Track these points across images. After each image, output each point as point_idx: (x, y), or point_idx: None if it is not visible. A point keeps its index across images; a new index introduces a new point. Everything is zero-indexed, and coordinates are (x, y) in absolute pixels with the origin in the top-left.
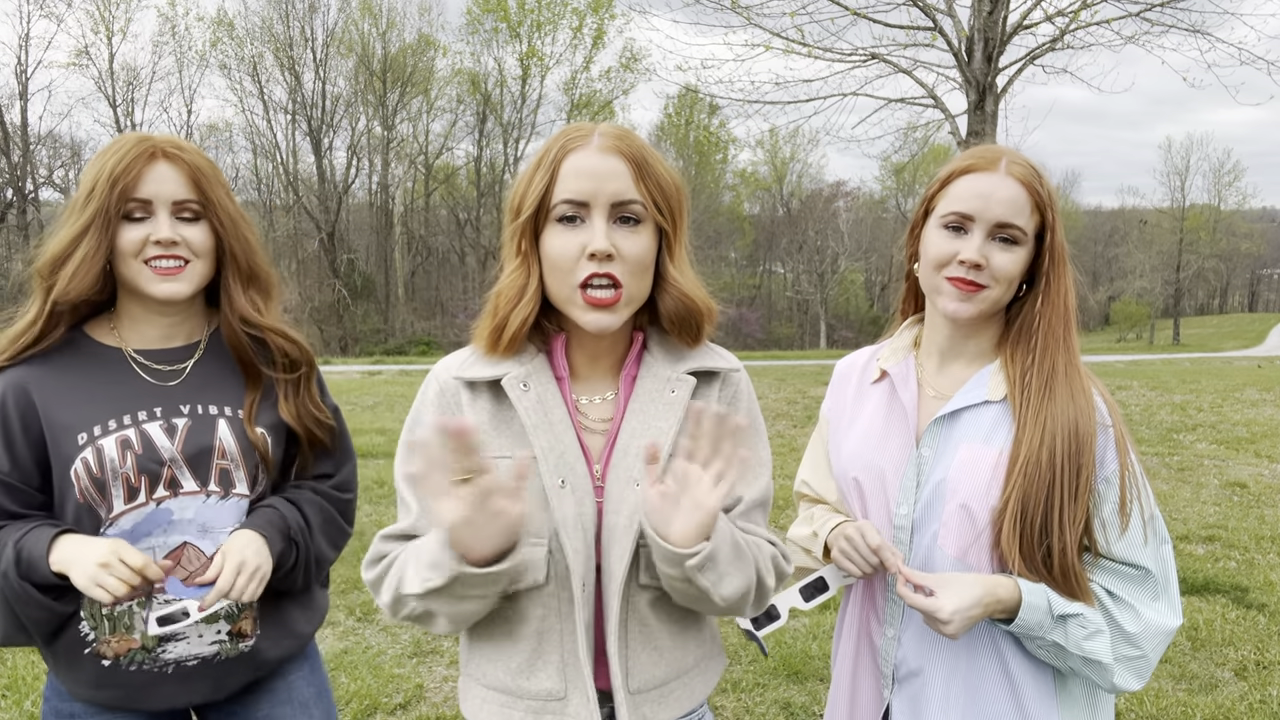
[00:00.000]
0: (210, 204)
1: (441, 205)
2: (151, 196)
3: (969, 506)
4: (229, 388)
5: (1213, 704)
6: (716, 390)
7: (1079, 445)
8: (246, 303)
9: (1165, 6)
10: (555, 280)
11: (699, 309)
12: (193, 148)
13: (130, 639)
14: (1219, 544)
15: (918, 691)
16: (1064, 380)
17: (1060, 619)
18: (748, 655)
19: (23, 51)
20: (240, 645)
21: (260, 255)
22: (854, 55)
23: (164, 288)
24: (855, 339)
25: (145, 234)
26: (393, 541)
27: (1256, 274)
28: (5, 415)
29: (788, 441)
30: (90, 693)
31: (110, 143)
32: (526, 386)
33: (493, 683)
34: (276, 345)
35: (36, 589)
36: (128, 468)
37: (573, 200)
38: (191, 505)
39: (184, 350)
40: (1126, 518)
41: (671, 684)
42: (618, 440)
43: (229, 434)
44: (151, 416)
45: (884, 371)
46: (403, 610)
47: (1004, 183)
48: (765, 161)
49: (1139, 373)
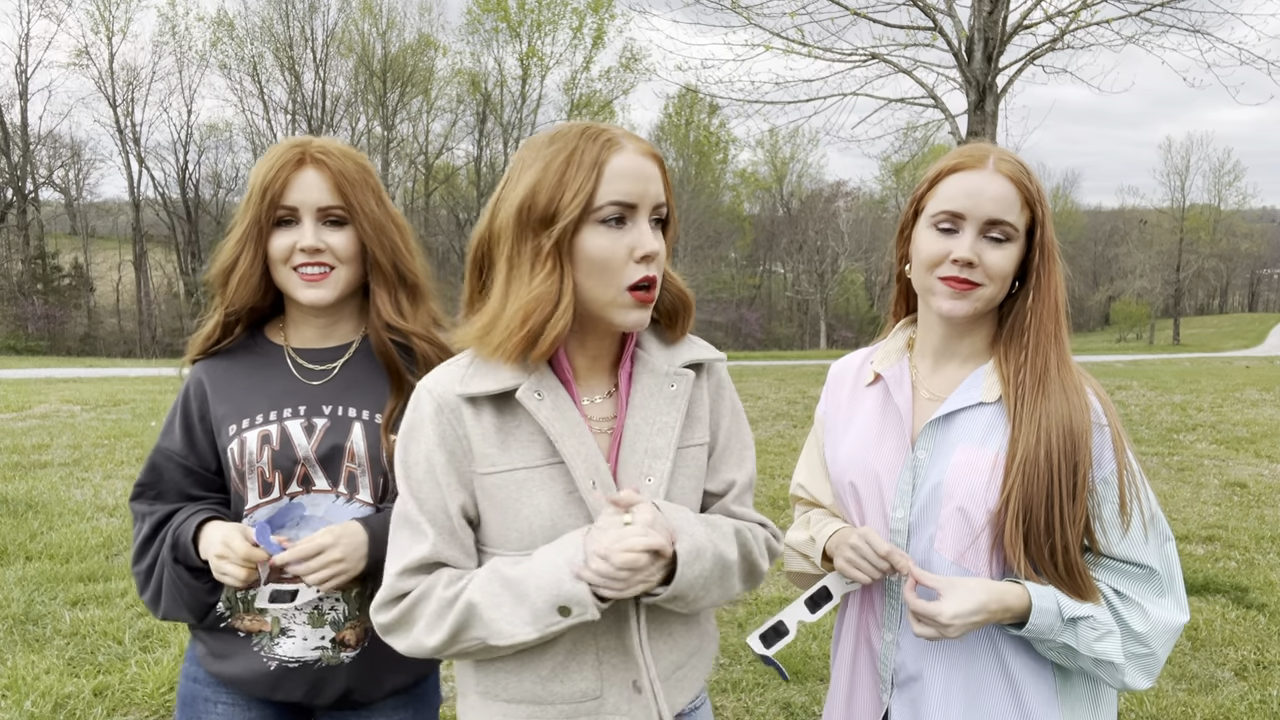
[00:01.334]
0: (354, 209)
1: (441, 205)
2: (297, 204)
3: (966, 509)
4: (373, 391)
5: (1213, 704)
6: (705, 380)
7: (1074, 443)
8: (392, 309)
9: (1165, 6)
10: (599, 284)
11: (690, 301)
12: (343, 151)
13: (262, 620)
14: (1219, 544)
15: (917, 696)
16: (1056, 377)
17: (1071, 621)
18: (747, 655)
19: (23, 51)
20: (342, 654)
21: (410, 258)
22: (854, 55)
23: (309, 294)
24: (855, 339)
25: (293, 241)
26: (412, 576)
27: (1256, 274)
28: (187, 405)
29: (788, 441)
30: (215, 664)
31: (272, 147)
32: (541, 396)
33: (517, 694)
34: (421, 351)
35: (190, 572)
36: (263, 462)
37: (622, 202)
38: (323, 502)
39: (336, 351)
40: (1127, 517)
41: (684, 667)
42: (624, 438)
43: (361, 438)
44: (295, 414)
45: (878, 374)
46: (457, 647)
47: (993, 180)
48: (765, 161)
49: (1139, 373)
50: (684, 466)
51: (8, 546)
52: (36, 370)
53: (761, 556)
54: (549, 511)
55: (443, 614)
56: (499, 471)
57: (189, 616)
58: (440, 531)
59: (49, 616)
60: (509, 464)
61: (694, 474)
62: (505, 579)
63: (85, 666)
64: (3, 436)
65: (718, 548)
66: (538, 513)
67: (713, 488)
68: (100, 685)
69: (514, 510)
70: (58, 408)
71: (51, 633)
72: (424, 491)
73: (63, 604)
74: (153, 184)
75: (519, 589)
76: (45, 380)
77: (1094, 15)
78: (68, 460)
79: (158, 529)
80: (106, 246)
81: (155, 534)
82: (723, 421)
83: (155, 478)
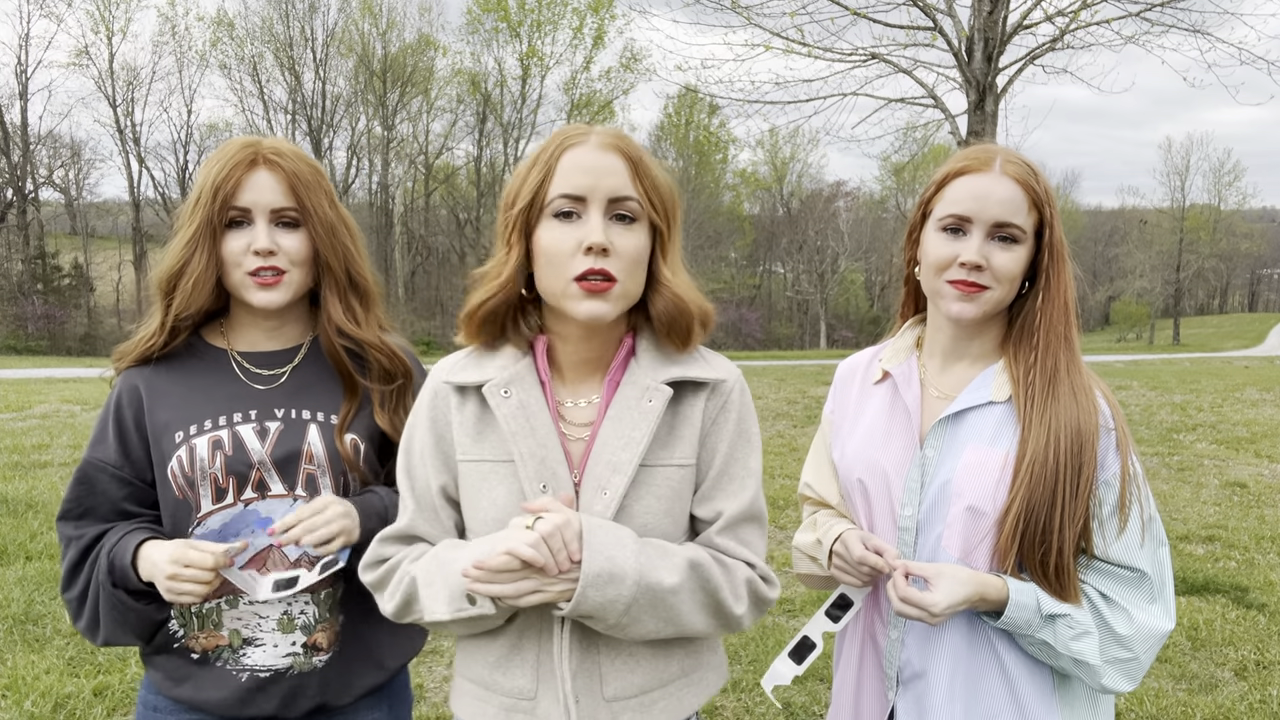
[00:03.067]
0: (308, 211)
1: (441, 205)
2: (250, 204)
3: (977, 508)
4: (325, 394)
5: (1213, 704)
6: (704, 400)
7: (1081, 446)
8: (343, 314)
9: (1165, 6)
10: (550, 274)
11: (690, 311)
12: (295, 152)
13: (218, 635)
14: (1219, 544)
15: (922, 692)
16: (1066, 378)
17: (1049, 618)
18: (747, 655)
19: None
20: (314, 659)
21: (361, 262)
22: (854, 55)
23: (261, 297)
24: (855, 339)
25: (246, 242)
26: (391, 544)
27: (1256, 274)
28: (120, 413)
29: (788, 441)
30: (175, 689)
31: (221, 146)
32: (508, 393)
33: (472, 675)
34: (373, 357)
35: (132, 595)
36: (216, 468)
37: (570, 194)
38: (279, 508)
39: (285, 354)
40: (1125, 520)
41: (654, 693)
42: (593, 448)
43: (319, 440)
44: (246, 419)
45: (886, 372)
46: (408, 618)
47: (999, 182)
48: (765, 161)
49: (1139, 373)
50: (652, 486)
51: (8, 546)
52: (36, 370)
53: (734, 598)
54: (504, 506)
55: (399, 585)
56: (469, 460)
57: (134, 640)
58: (421, 507)
59: (49, 616)
60: (478, 455)
61: (666, 495)
62: (441, 560)
63: (85, 666)
64: (3, 436)
65: (645, 576)
66: (493, 505)
67: (702, 514)
68: (100, 685)
69: (475, 500)
70: (58, 408)
71: (51, 633)
72: (415, 469)
73: (63, 604)
74: (153, 184)
75: (446, 570)
76: (45, 380)
77: (1094, 15)
78: (68, 460)
79: (86, 552)
80: (106, 246)
81: (84, 558)
82: (720, 446)
83: (85, 491)
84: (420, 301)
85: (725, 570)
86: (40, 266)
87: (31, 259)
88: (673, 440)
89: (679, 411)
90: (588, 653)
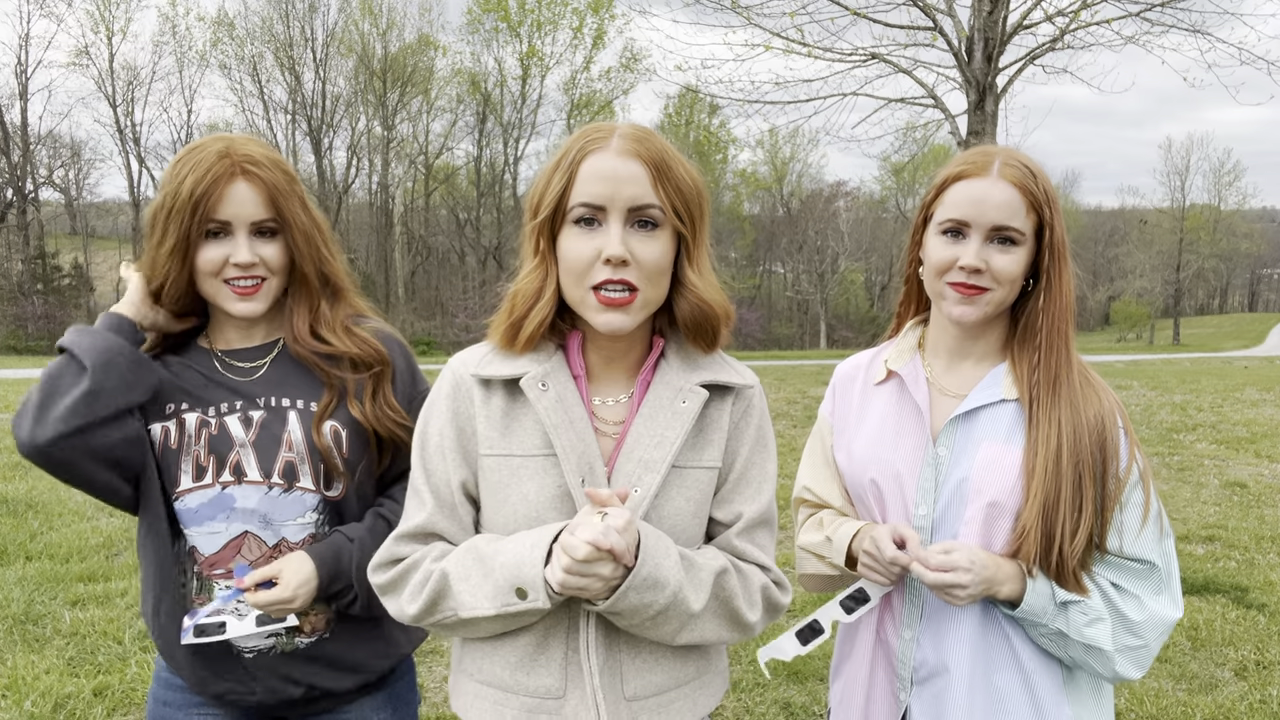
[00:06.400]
0: (287, 222)
1: (441, 205)
2: (231, 218)
3: (999, 503)
4: (304, 384)
5: (1213, 704)
6: (729, 405)
7: (1091, 443)
8: (308, 324)
9: (1165, 6)
10: (569, 282)
11: (716, 314)
12: (270, 159)
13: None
14: (1219, 544)
15: (941, 690)
16: (1069, 377)
17: (1063, 605)
18: (748, 655)
19: (23, 51)
20: (297, 640)
21: (332, 260)
22: (854, 55)
23: (241, 306)
24: (855, 339)
25: (224, 254)
26: (407, 543)
27: (1256, 274)
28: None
29: (788, 441)
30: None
31: (189, 150)
32: (545, 386)
33: (488, 678)
34: (341, 354)
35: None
36: (200, 446)
37: (589, 204)
38: (254, 495)
39: (263, 348)
40: (1146, 516)
41: (671, 693)
42: (624, 445)
43: (298, 425)
44: (232, 409)
45: (890, 372)
46: (433, 617)
47: (996, 186)
48: (765, 161)
49: (1139, 373)
50: (682, 486)
51: (8, 546)
52: (37, 370)
53: (749, 606)
54: (536, 502)
55: (424, 583)
56: (495, 455)
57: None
58: (440, 504)
59: (49, 616)
60: (506, 449)
61: (694, 496)
62: (479, 554)
63: (85, 666)
64: (3, 436)
65: (682, 594)
66: (524, 501)
67: (721, 516)
68: (100, 685)
69: (503, 495)
70: None
71: (51, 633)
72: (432, 464)
73: (63, 604)
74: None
75: (488, 564)
76: None
77: (1094, 15)
78: None
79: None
80: (106, 246)
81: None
82: (741, 450)
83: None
84: (420, 301)
85: (743, 578)
86: (40, 266)
87: (31, 259)
88: (701, 443)
89: (707, 415)
90: (611, 651)
